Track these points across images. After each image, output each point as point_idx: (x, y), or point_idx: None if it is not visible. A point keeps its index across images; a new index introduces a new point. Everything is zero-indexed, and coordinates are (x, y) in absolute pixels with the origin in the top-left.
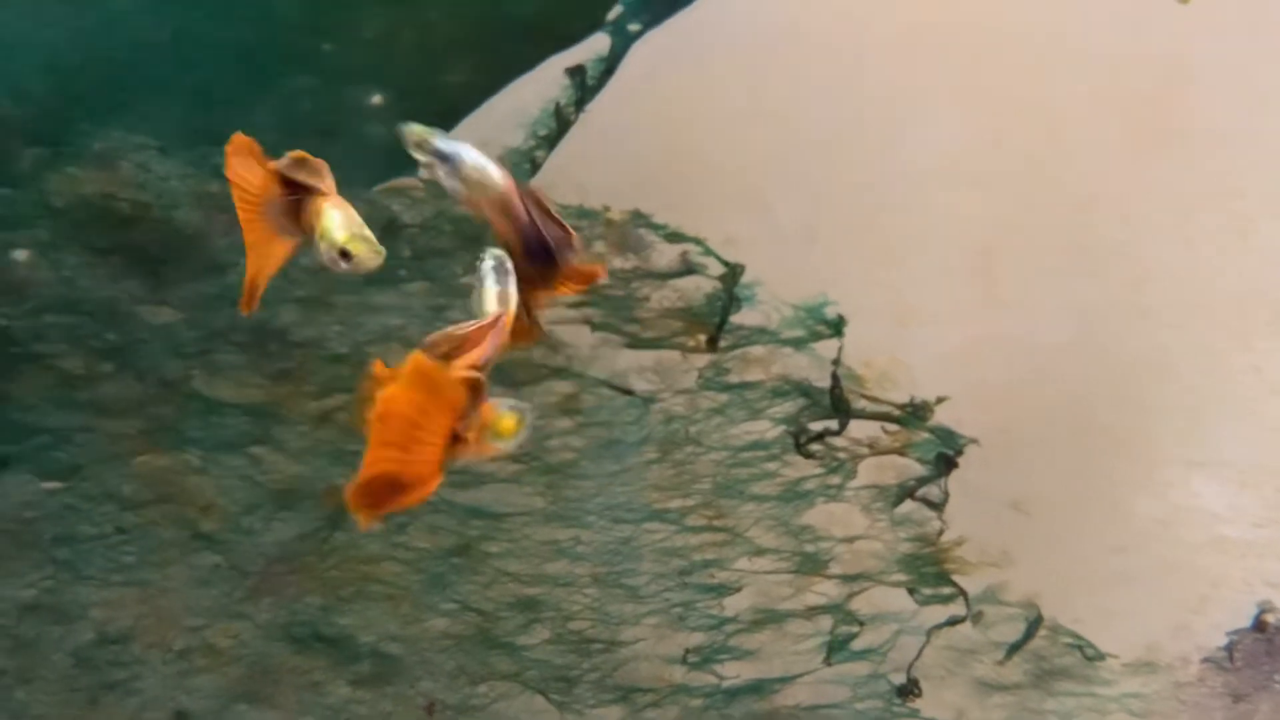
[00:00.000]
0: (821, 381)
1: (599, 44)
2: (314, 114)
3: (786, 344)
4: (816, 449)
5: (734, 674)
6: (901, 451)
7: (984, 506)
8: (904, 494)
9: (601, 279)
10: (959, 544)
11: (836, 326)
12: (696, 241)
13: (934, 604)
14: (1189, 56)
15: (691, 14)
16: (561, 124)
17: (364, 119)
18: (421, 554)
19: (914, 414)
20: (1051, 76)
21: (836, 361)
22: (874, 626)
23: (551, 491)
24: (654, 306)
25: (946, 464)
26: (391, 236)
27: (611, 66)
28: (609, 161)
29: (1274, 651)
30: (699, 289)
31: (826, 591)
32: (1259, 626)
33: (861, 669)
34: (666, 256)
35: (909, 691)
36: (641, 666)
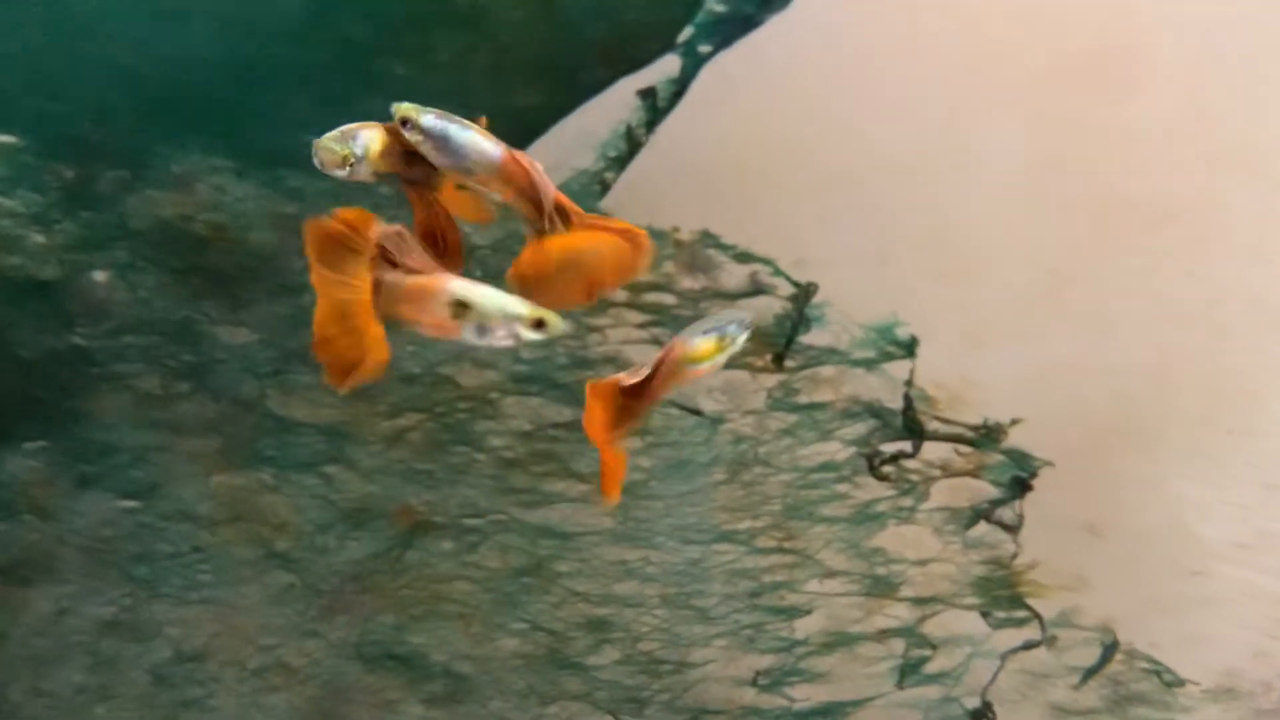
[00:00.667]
0: (892, 402)
1: (669, 66)
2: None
3: (857, 365)
4: (889, 471)
5: (805, 697)
6: (974, 474)
7: (1058, 529)
8: (978, 516)
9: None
10: (1033, 567)
11: (909, 347)
12: (766, 262)
13: (1007, 627)
14: (1262, 73)
15: (762, 35)
16: (632, 145)
17: None
18: (492, 573)
19: (987, 436)
20: (1123, 95)
21: (909, 383)
22: (946, 650)
23: (620, 512)
24: None
25: (1021, 486)
26: (464, 258)
27: (682, 88)
28: (679, 182)
29: None
30: (769, 309)
31: (898, 614)
32: None
33: (934, 693)
34: (736, 277)
35: (983, 716)
36: (711, 688)
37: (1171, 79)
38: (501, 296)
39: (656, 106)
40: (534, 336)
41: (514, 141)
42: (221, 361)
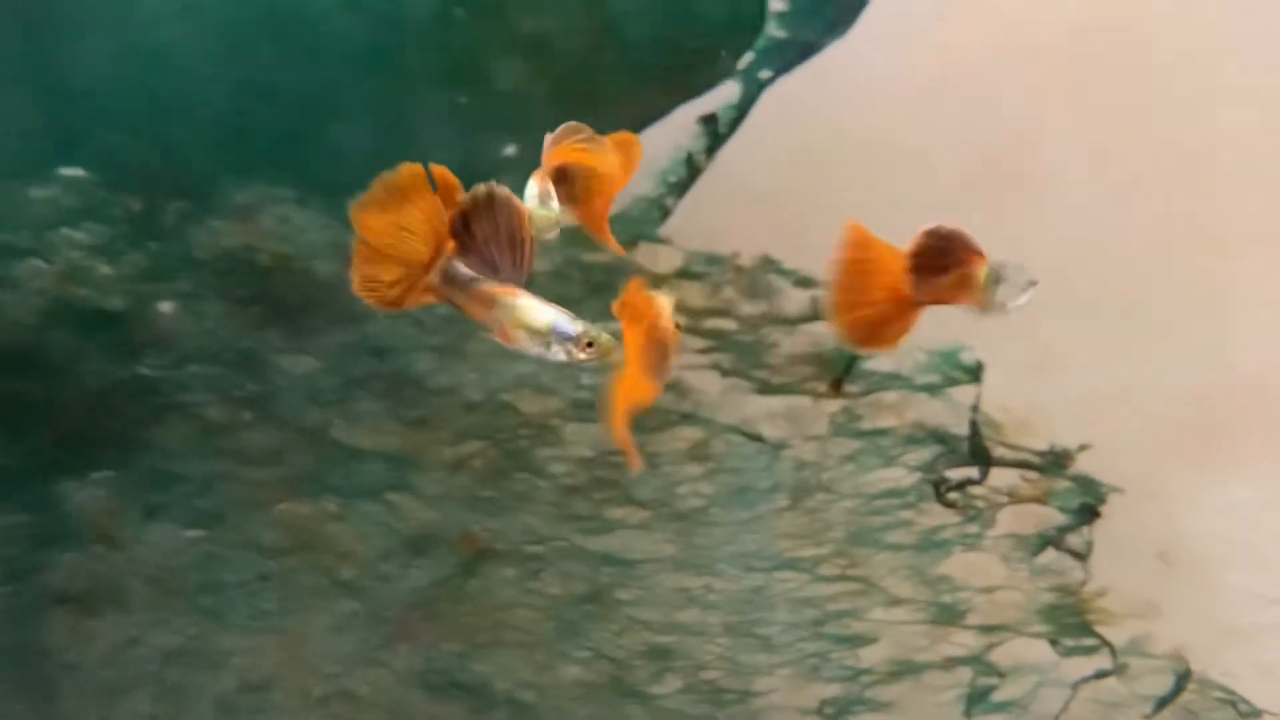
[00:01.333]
0: (957, 428)
1: (730, 92)
2: (449, 166)
3: (921, 390)
4: (956, 498)
5: None
6: (1042, 500)
7: (1128, 556)
8: (1045, 543)
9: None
10: (1102, 594)
11: (974, 373)
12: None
13: (1076, 655)
14: None
15: (822, 61)
16: (692, 171)
17: (498, 170)
18: (554, 600)
19: (1055, 462)
20: (1189, 117)
21: (975, 408)
22: (1014, 678)
23: (682, 538)
24: (784, 352)
25: (1089, 513)
26: (526, 286)
27: (742, 114)
28: (739, 207)
29: None
30: (830, 334)
31: (964, 642)
32: None
33: None
34: (796, 302)
35: None
36: (775, 717)
37: (1242, 101)
38: (554, 313)
39: (717, 132)
40: (583, 357)
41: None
42: (285, 390)
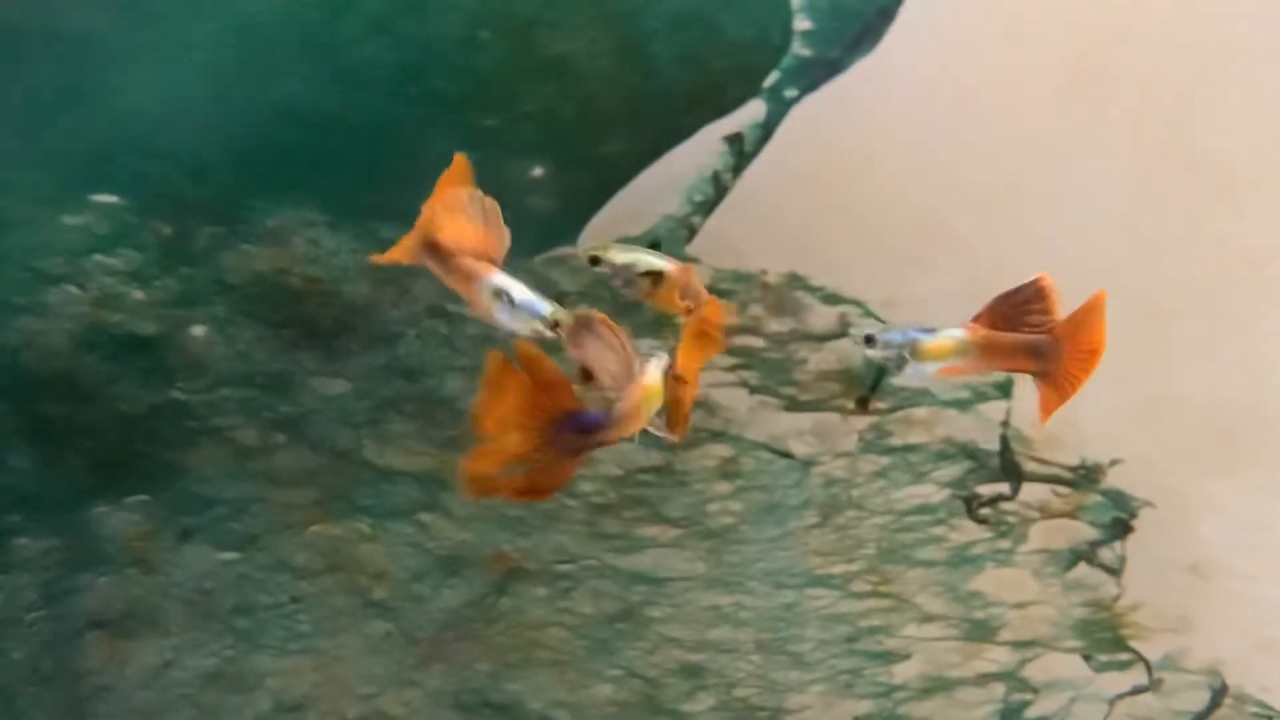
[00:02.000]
0: (987, 443)
1: (755, 111)
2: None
3: (951, 405)
4: (987, 514)
5: None
6: (1073, 515)
7: (1160, 570)
8: (1077, 558)
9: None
10: (1135, 609)
11: (1004, 388)
12: (856, 303)
13: (1110, 671)
14: None
15: (848, 79)
16: (719, 190)
17: (525, 191)
18: (585, 619)
19: (1086, 476)
20: (1216, 130)
21: (1005, 424)
22: (1048, 694)
23: (712, 556)
24: (812, 369)
25: (1122, 527)
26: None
27: (768, 132)
28: (765, 224)
29: None
30: (858, 351)
31: (997, 658)
32: None
33: None
34: (824, 319)
35: None
36: None
37: (1270, 113)
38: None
39: (743, 151)
40: (550, 335)
41: (601, 189)
42: (318, 412)
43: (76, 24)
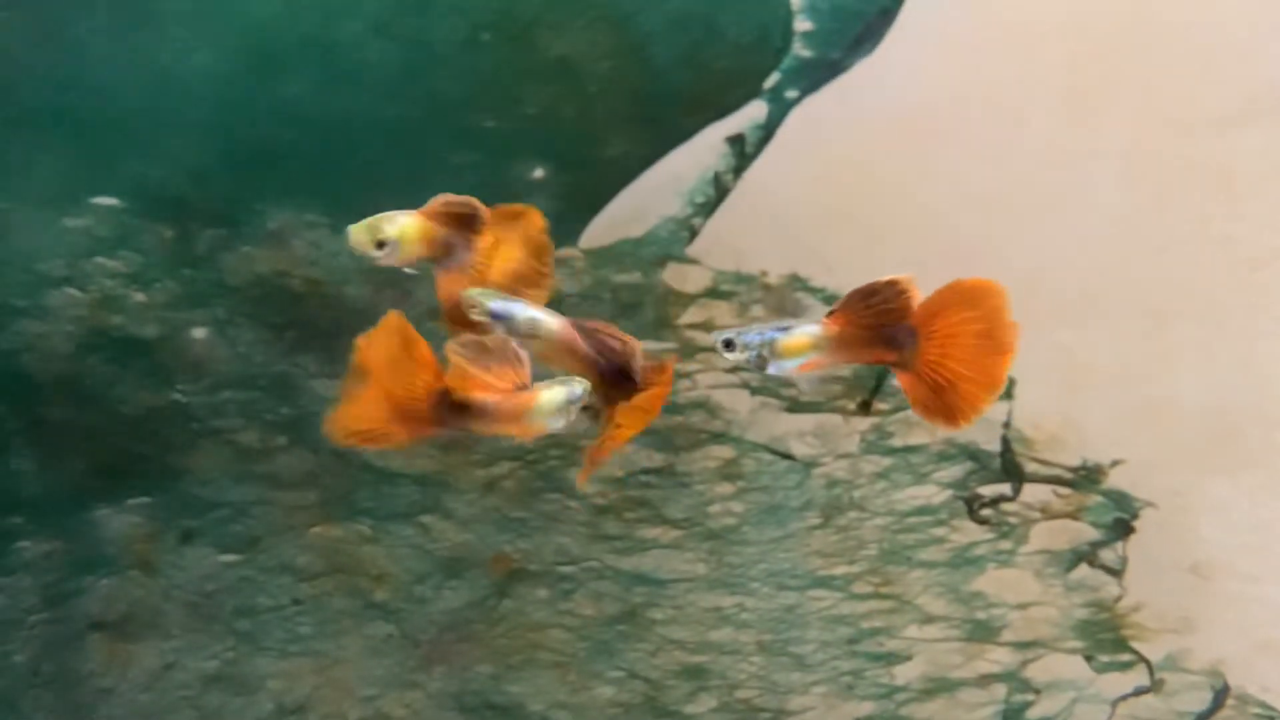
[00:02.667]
0: (988, 444)
1: (756, 112)
2: (478, 189)
3: None
4: (988, 514)
5: None
6: (1074, 516)
7: (1162, 571)
8: (1079, 559)
9: (669, 372)
10: (1136, 609)
11: (1006, 389)
12: None
13: (1111, 671)
14: None
15: (849, 80)
16: (720, 191)
17: (526, 192)
18: (587, 621)
19: (1087, 477)
20: (1218, 133)
21: (1007, 424)
22: (1049, 694)
23: (714, 557)
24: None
25: (1123, 528)
26: (553, 306)
27: (769, 133)
28: (766, 226)
29: None
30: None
31: (999, 659)
32: None
33: None
34: None
35: None
36: None
37: (1272, 117)
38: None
39: (744, 152)
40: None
41: (602, 190)
42: (318, 414)
43: (78, 26)
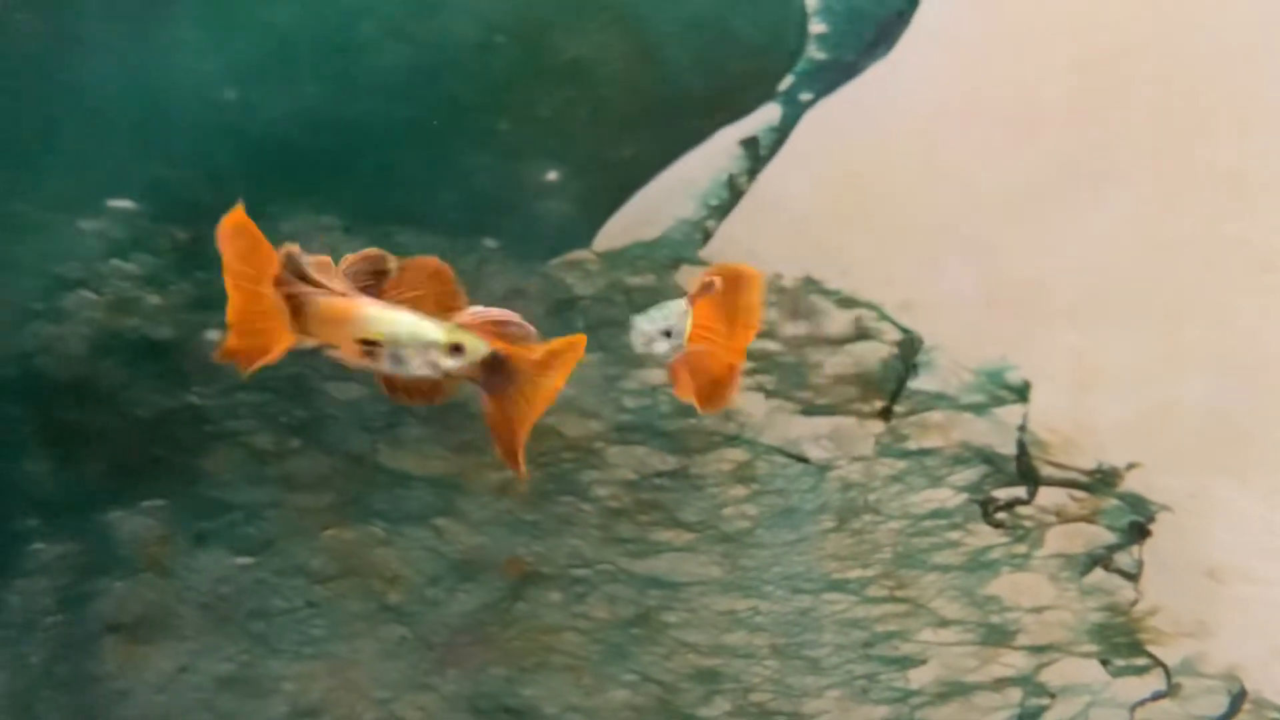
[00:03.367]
0: (1003, 447)
1: (770, 114)
2: (491, 191)
3: (966, 409)
4: (1004, 518)
5: None
6: (1090, 519)
7: (1178, 574)
8: (1094, 562)
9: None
10: (1152, 613)
11: (1021, 392)
12: (871, 307)
13: (1127, 676)
14: None
15: (863, 82)
16: (734, 194)
17: (539, 195)
18: (600, 624)
19: (1103, 480)
20: (1231, 134)
21: (1022, 427)
22: (1065, 698)
23: (728, 560)
24: (828, 373)
25: (1139, 532)
26: (566, 308)
27: (783, 136)
28: (781, 228)
29: None
30: (874, 354)
31: (1014, 663)
32: None
33: None
34: (839, 322)
35: None
36: None
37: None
38: (416, 322)
39: (758, 155)
40: (452, 364)
41: (616, 193)
42: (333, 417)
43: (93, 30)
